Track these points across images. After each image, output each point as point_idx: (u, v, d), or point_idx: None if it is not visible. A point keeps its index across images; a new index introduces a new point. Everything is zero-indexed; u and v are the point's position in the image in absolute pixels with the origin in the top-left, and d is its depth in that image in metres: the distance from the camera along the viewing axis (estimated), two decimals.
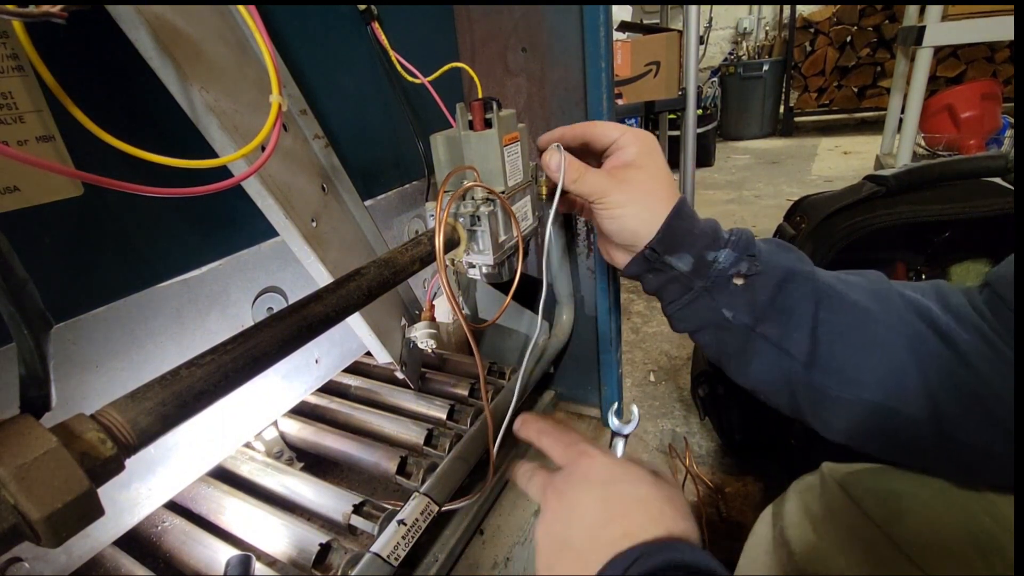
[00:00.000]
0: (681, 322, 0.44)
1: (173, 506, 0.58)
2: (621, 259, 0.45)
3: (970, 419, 0.34)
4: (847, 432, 0.39)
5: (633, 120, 1.94)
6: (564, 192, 0.44)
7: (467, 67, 0.69)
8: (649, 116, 1.62)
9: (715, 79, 3.67)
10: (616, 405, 0.47)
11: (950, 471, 0.38)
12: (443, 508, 0.52)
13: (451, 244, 0.45)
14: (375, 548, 0.46)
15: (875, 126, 3.37)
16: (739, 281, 0.40)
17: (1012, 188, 0.70)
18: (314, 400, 0.75)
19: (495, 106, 0.44)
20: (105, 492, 0.20)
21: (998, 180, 0.72)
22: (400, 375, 0.61)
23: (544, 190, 0.48)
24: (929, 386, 0.35)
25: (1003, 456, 0.34)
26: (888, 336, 0.37)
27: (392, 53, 0.58)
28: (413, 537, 0.48)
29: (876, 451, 0.39)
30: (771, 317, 0.39)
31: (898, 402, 0.36)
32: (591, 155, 0.47)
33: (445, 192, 0.43)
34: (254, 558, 0.45)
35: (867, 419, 0.37)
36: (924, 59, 1.78)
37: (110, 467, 0.21)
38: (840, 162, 2.91)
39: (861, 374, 0.37)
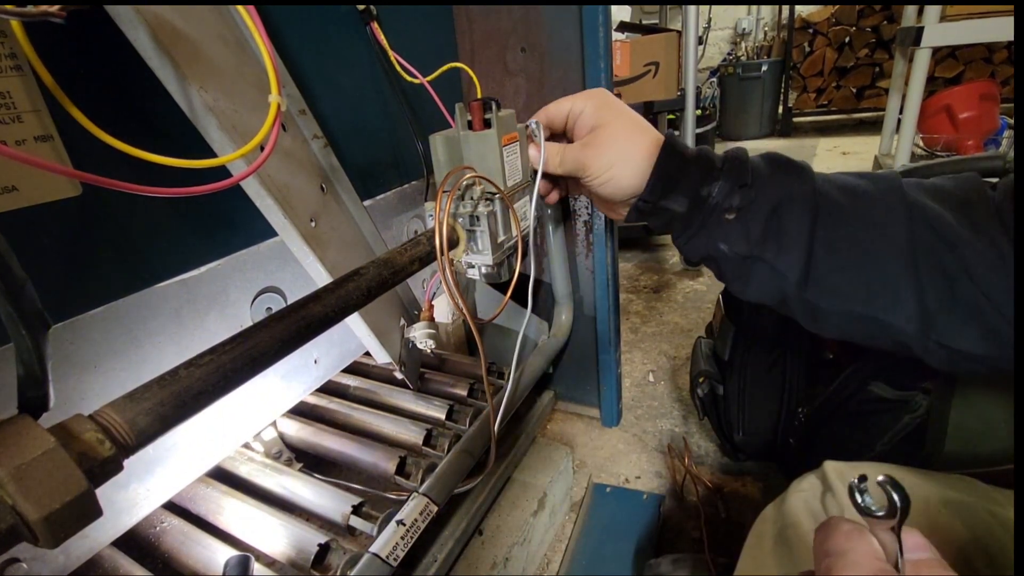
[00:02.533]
0: (688, 254, 0.45)
1: (172, 506, 0.58)
2: (623, 211, 0.47)
3: (965, 330, 0.35)
4: (837, 337, 0.41)
5: None
6: (557, 177, 0.46)
7: (466, 67, 0.69)
8: (648, 116, 1.62)
9: (714, 79, 3.67)
10: None
11: (940, 367, 0.39)
12: (456, 491, 0.52)
13: (450, 244, 0.45)
14: (374, 548, 0.46)
15: (874, 127, 3.37)
16: (731, 216, 0.41)
17: None
18: (313, 400, 0.75)
19: (494, 106, 0.44)
20: (103, 493, 0.20)
21: (996, 181, 0.72)
22: (399, 375, 0.61)
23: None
24: (924, 299, 0.35)
25: (999, 364, 0.35)
26: (888, 252, 0.37)
27: (391, 53, 0.58)
28: (412, 537, 0.48)
29: (866, 346, 0.41)
30: (766, 243, 0.40)
31: (888, 315, 0.37)
32: (560, 138, 0.49)
33: (444, 192, 0.43)
34: (253, 558, 0.45)
35: (856, 328, 0.39)
36: (922, 60, 1.78)
37: (108, 467, 0.21)
38: (839, 162, 2.91)
39: (853, 290, 0.38)
